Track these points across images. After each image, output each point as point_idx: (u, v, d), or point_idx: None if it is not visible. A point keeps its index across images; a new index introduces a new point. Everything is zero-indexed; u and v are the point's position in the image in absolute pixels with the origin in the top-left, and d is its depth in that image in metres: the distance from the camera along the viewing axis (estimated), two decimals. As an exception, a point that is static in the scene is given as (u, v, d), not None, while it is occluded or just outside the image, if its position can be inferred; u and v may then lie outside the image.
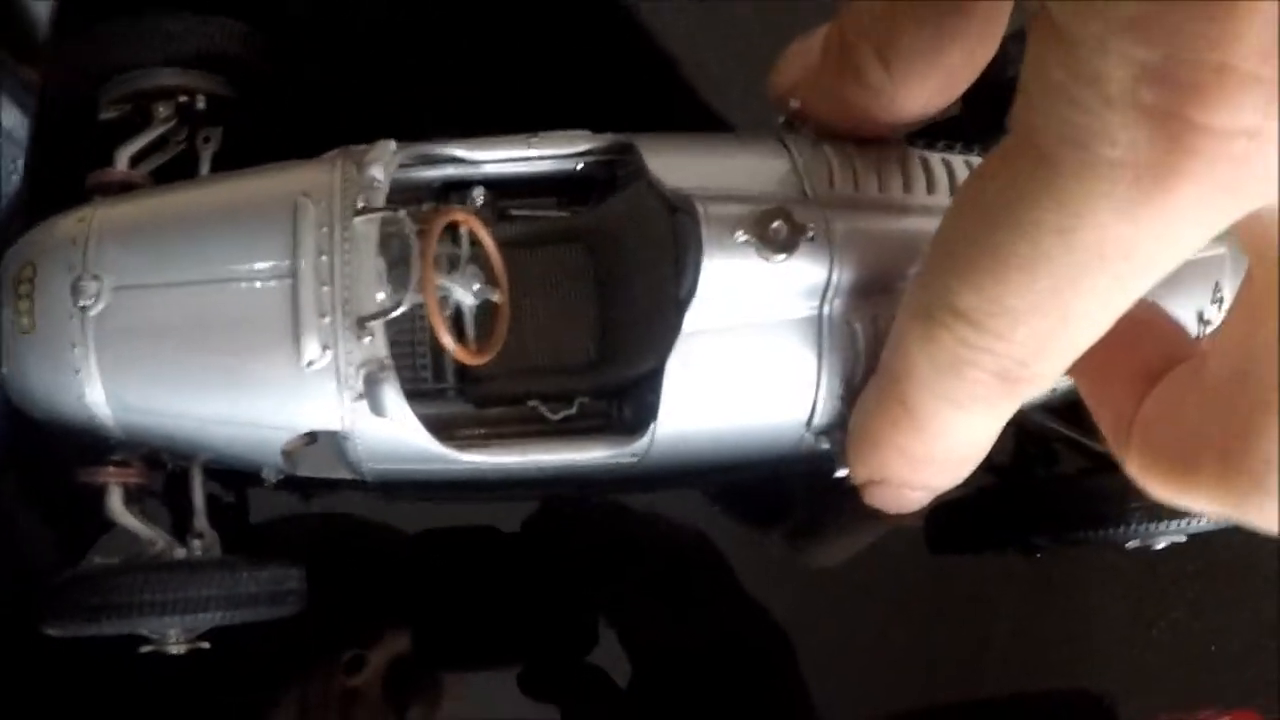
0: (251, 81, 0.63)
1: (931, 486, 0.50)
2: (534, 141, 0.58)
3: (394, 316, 0.51)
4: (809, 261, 0.52)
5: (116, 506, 0.57)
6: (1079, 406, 0.66)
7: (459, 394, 0.59)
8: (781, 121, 0.58)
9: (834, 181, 0.54)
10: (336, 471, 0.57)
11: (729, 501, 0.70)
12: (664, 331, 0.53)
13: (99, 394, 0.53)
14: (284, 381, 0.51)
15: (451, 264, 0.56)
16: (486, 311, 0.57)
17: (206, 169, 0.61)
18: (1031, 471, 0.70)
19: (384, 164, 0.53)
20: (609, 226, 0.59)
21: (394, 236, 0.53)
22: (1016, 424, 0.68)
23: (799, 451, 0.57)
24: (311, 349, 0.51)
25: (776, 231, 0.52)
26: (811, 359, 0.54)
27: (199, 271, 0.52)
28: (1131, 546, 0.65)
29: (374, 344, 0.51)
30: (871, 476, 0.50)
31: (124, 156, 0.60)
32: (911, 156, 0.56)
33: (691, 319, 0.52)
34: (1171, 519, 0.60)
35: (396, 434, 0.52)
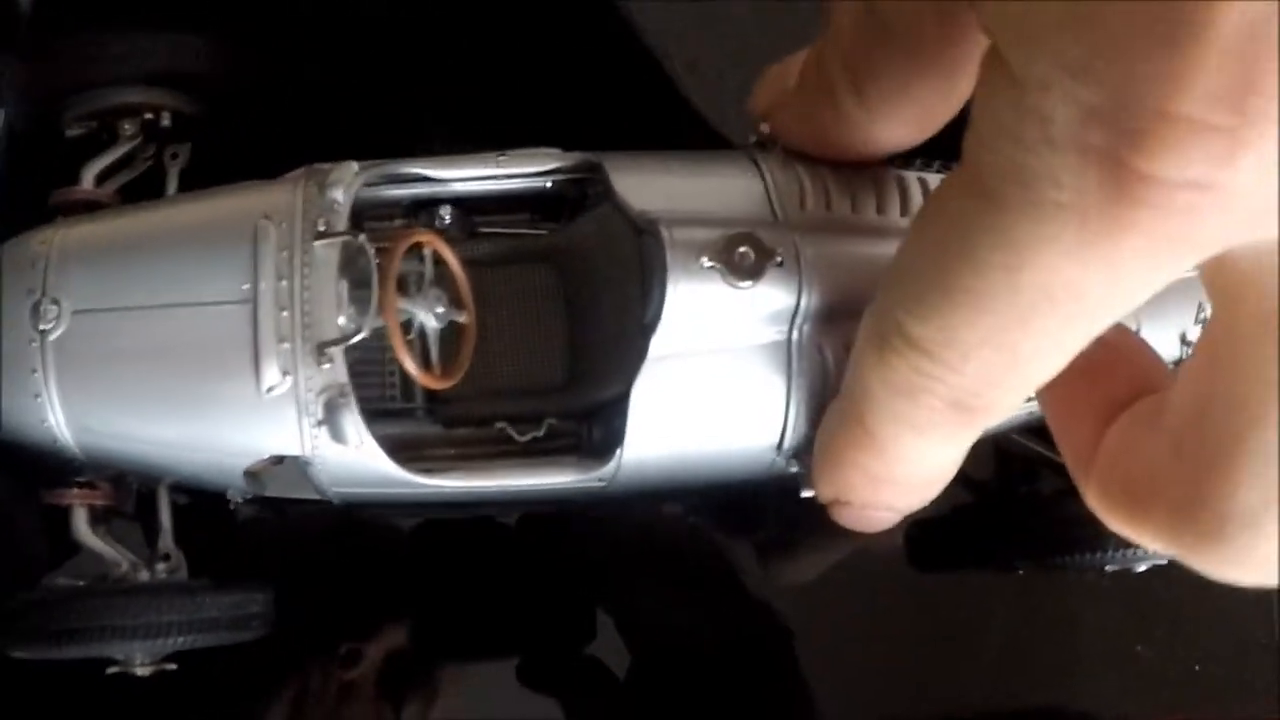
0: (217, 97, 0.62)
1: (897, 508, 0.49)
2: (502, 160, 0.57)
3: (354, 342, 0.51)
4: (777, 287, 0.51)
5: (82, 528, 0.57)
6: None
7: (427, 414, 0.59)
8: (754, 141, 0.57)
9: (805, 203, 0.53)
10: (304, 492, 0.56)
11: (710, 509, 0.70)
12: (630, 355, 0.53)
13: (60, 418, 0.53)
14: (244, 407, 0.51)
15: (417, 285, 0.55)
16: (453, 333, 0.56)
17: (174, 187, 0.61)
18: (1010, 493, 0.69)
19: (345, 186, 0.52)
20: (577, 247, 0.58)
21: (356, 259, 0.52)
22: (995, 444, 0.68)
23: (769, 476, 0.56)
24: (271, 375, 0.50)
25: (743, 257, 0.51)
26: (781, 384, 0.53)
27: (158, 295, 0.52)
28: (1111, 570, 0.64)
29: (334, 370, 0.50)
30: (836, 496, 0.50)
31: (90, 174, 0.60)
32: (887, 176, 0.55)
33: (657, 344, 0.52)
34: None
35: (358, 459, 0.52)
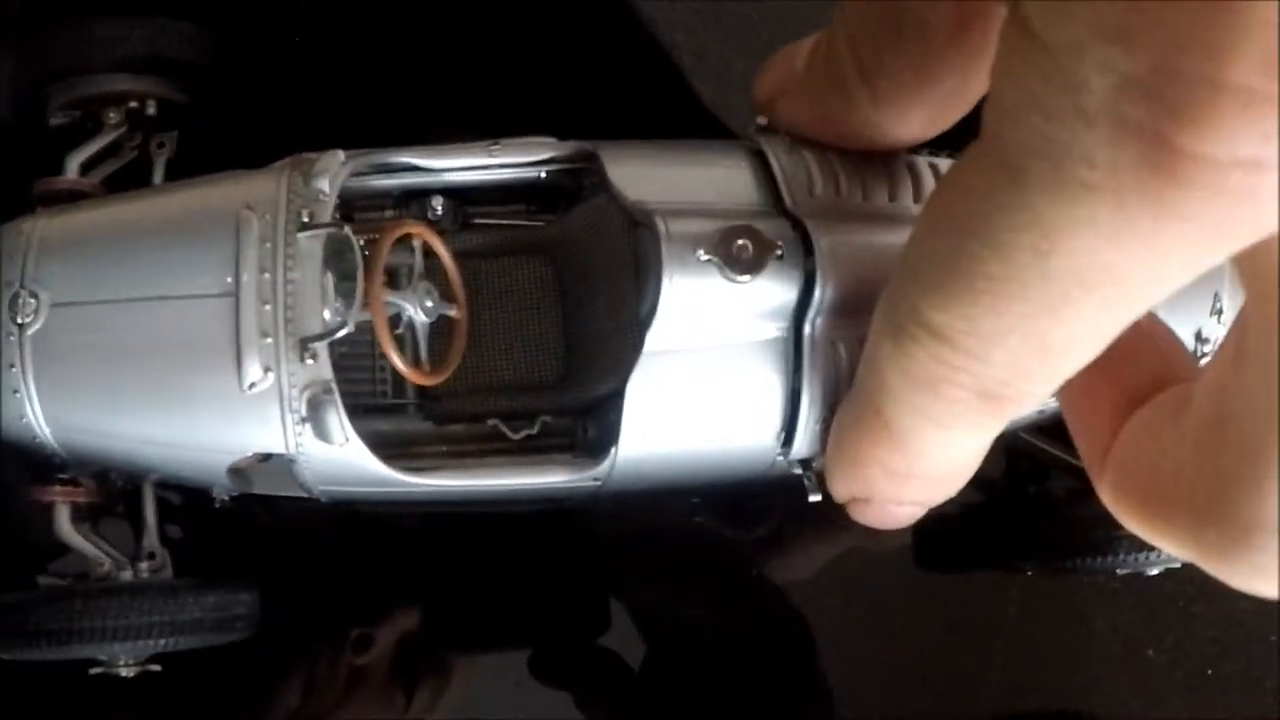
0: (204, 85, 0.61)
1: (919, 502, 0.47)
2: (495, 149, 0.55)
3: (339, 337, 0.49)
4: (777, 281, 0.49)
5: (64, 525, 0.56)
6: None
7: (418, 410, 0.57)
8: (757, 125, 0.55)
9: (814, 189, 0.51)
10: (290, 490, 0.55)
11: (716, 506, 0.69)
12: (625, 351, 0.51)
13: (39, 414, 0.51)
14: (225, 404, 0.49)
15: (407, 278, 0.54)
16: (444, 327, 0.55)
17: (160, 176, 0.59)
18: (1019, 493, 0.67)
19: (331, 175, 0.51)
20: (572, 239, 0.56)
21: (342, 251, 0.51)
22: (1005, 443, 0.66)
23: (770, 475, 0.55)
24: (253, 371, 0.49)
25: (741, 250, 0.49)
26: (782, 381, 0.51)
27: (138, 288, 0.50)
28: (1123, 573, 0.63)
29: (318, 366, 0.49)
30: (855, 494, 0.47)
31: (74, 163, 0.58)
32: (898, 162, 0.53)
33: (653, 339, 0.50)
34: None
35: (344, 458, 0.50)
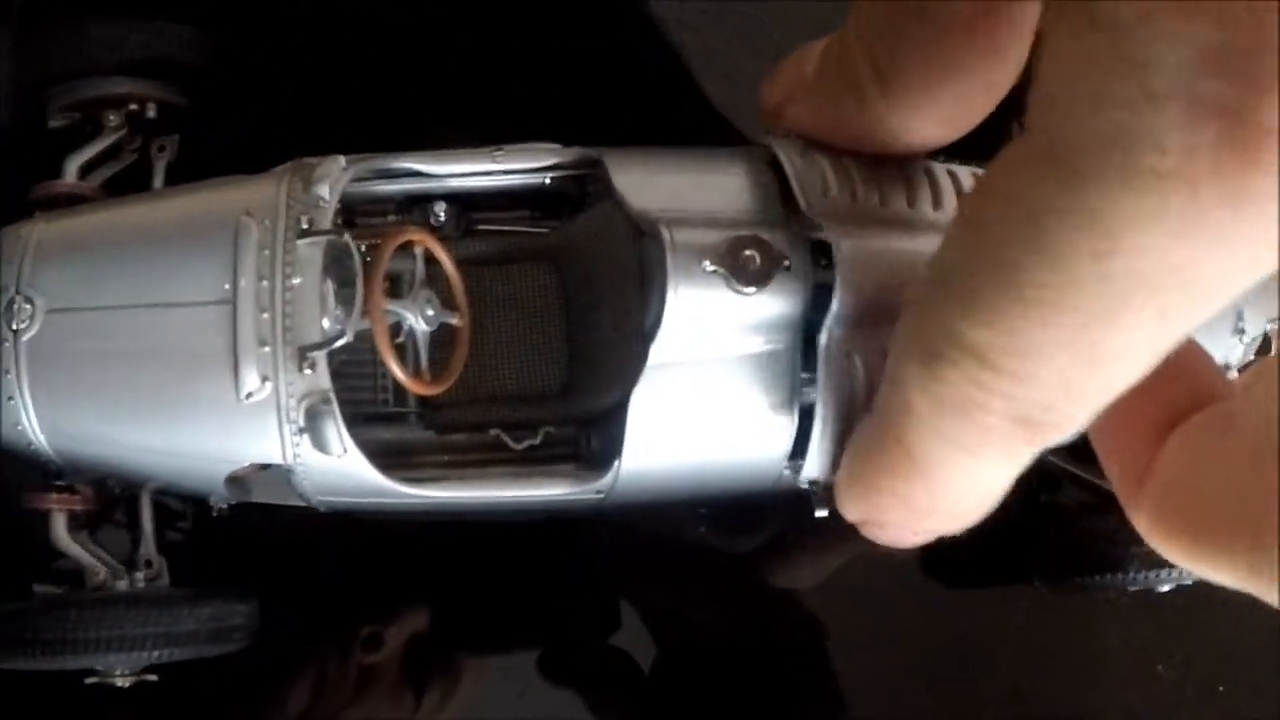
0: (204, 88, 0.60)
1: (935, 533, 0.45)
2: (498, 155, 0.54)
3: (338, 346, 0.48)
4: (785, 293, 0.48)
5: (60, 533, 0.55)
6: (1082, 437, 0.64)
7: (420, 419, 0.56)
8: (768, 133, 0.54)
9: (829, 191, 0.50)
10: (289, 500, 0.54)
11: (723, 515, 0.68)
12: (629, 362, 0.50)
13: (34, 421, 0.50)
14: (222, 413, 0.49)
15: (409, 285, 0.53)
16: (446, 335, 0.54)
17: (160, 179, 0.59)
18: (1029, 507, 0.66)
19: (332, 181, 0.50)
20: (576, 247, 0.55)
21: (342, 258, 0.50)
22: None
23: (775, 489, 0.54)
24: (250, 380, 0.48)
25: (748, 261, 0.48)
26: (790, 395, 0.50)
27: (135, 295, 0.49)
28: (1134, 590, 0.62)
29: (316, 375, 0.48)
30: (868, 520, 0.46)
31: (73, 166, 0.57)
32: (914, 168, 0.51)
33: (657, 351, 0.49)
34: (1174, 567, 0.56)
35: (342, 469, 0.50)
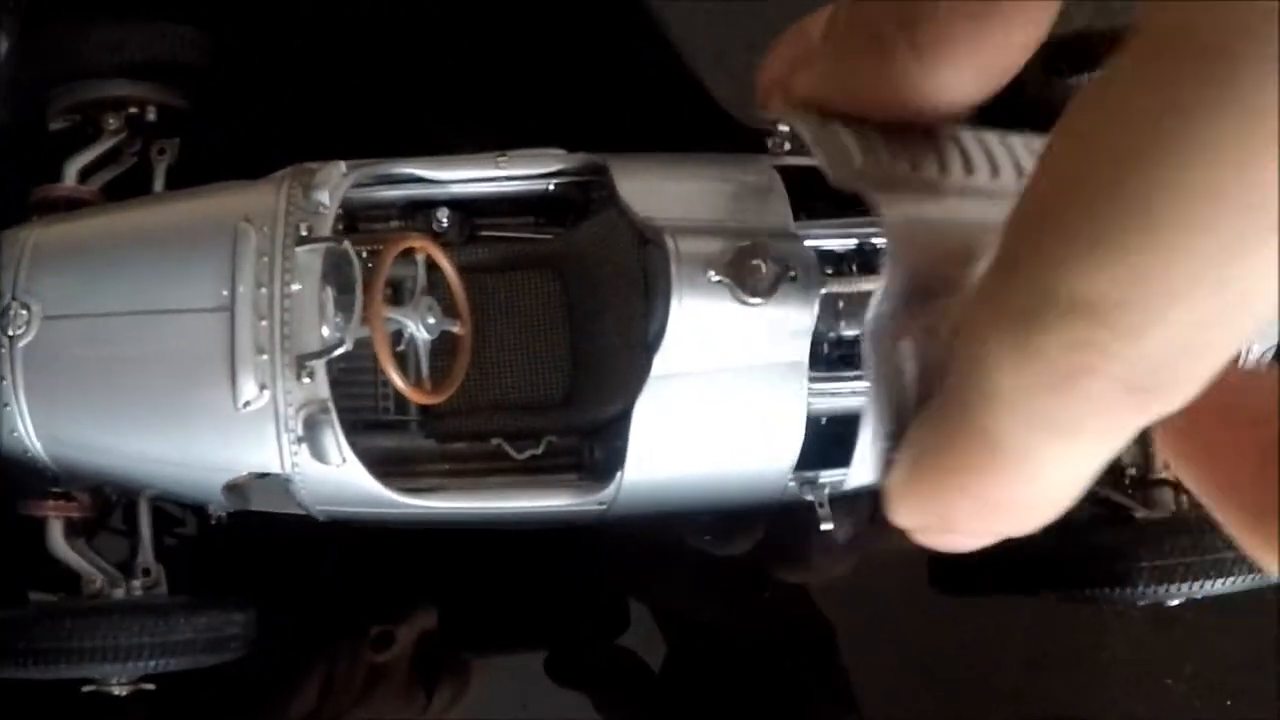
0: (205, 90, 0.59)
1: (1003, 534, 0.42)
2: (502, 161, 0.54)
3: (337, 355, 0.48)
4: (792, 304, 0.48)
5: (57, 540, 0.54)
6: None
7: (421, 428, 0.55)
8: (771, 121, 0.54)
9: (854, 162, 0.48)
10: (288, 508, 0.53)
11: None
12: (633, 372, 0.49)
13: (30, 428, 0.50)
14: (219, 422, 0.48)
15: (410, 292, 0.52)
16: (448, 343, 0.53)
17: (161, 183, 0.58)
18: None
19: (331, 187, 0.49)
20: (580, 254, 0.55)
21: (341, 265, 0.49)
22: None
23: (781, 500, 0.53)
24: (248, 388, 0.47)
25: (754, 271, 0.47)
26: (796, 406, 0.50)
27: (132, 301, 0.49)
28: (1143, 604, 0.61)
29: (315, 384, 0.47)
30: (926, 525, 0.43)
31: (73, 170, 0.57)
32: (939, 134, 0.50)
33: (661, 361, 0.48)
34: (1184, 582, 0.55)
35: (341, 478, 0.49)
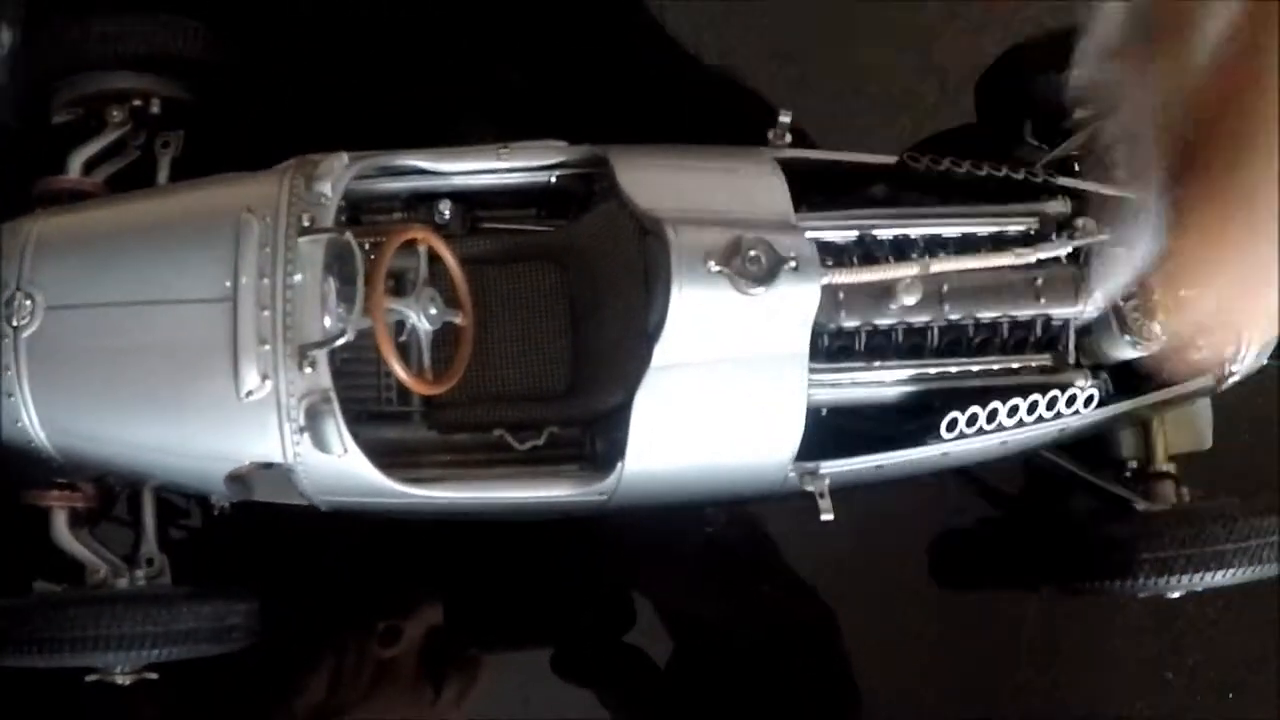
0: (210, 84, 0.59)
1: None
2: (504, 153, 0.54)
3: (339, 345, 0.48)
4: (792, 293, 0.48)
5: (61, 531, 0.55)
6: (1091, 443, 0.64)
7: (423, 419, 0.56)
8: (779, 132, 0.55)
9: None
10: (290, 499, 0.53)
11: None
12: (633, 363, 0.50)
13: (34, 418, 0.50)
14: (222, 412, 0.48)
15: (413, 283, 0.53)
16: (450, 334, 0.53)
17: (165, 175, 0.58)
18: (1038, 513, 0.65)
19: (334, 178, 0.49)
20: (581, 246, 0.55)
21: (344, 256, 0.50)
22: (1026, 462, 0.65)
23: (781, 492, 0.54)
24: (250, 378, 0.48)
25: (753, 261, 0.48)
26: (798, 394, 0.50)
27: (135, 292, 0.49)
28: (1144, 596, 0.61)
29: (317, 374, 0.48)
30: (1200, 330, 0.45)
31: (77, 162, 0.57)
32: None
33: (662, 351, 0.49)
34: (1185, 574, 0.55)
35: (343, 468, 0.49)
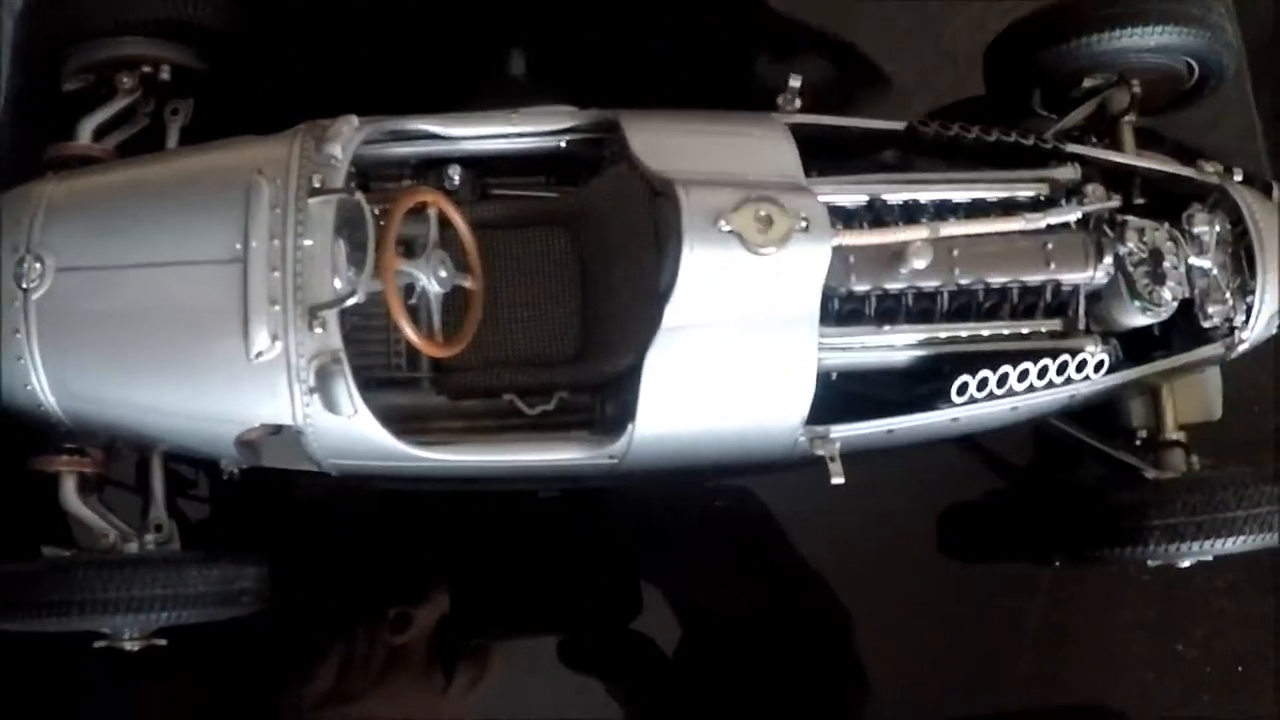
0: (221, 51, 0.59)
1: None
2: (514, 118, 0.54)
3: (348, 305, 0.48)
4: (803, 254, 0.48)
5: (69, 496, 0.55)
6: (1101, 412, 0.64)
7: (433, 384, 0.56)
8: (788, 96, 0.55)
9: None
10: (299, 464, 0.54)
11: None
12: (644, 325, 0.50)
13: (44, 382, 0.50)
14: (232, 373, 0.48)
15: (423, 247, 0.53)
16: (460, 299, 0.53)
17: (174, 142, 0.58)
18: (1048, 482, 0.65)
19: (344, 141, 0.49)
20: (592, 210, 0.55)
21: (354, 218, 0.50)
22: (1035, 429, 0.65)
23: (791, 457, 0.54)
24: (260, 339, 0.48)
25: (764, 221, 0.48)
26: (808, 357, 0.50)
27: (145, 253, 0.49)
28: (1154, 565, 0.61)
29: (327, 335, 0.48)
30: None
31: (87, 129, 0.57)
32: None
33: (672, 312, 0.49)
34: (1195, 540, 0.55)
35: (353, 430, 0.49)
